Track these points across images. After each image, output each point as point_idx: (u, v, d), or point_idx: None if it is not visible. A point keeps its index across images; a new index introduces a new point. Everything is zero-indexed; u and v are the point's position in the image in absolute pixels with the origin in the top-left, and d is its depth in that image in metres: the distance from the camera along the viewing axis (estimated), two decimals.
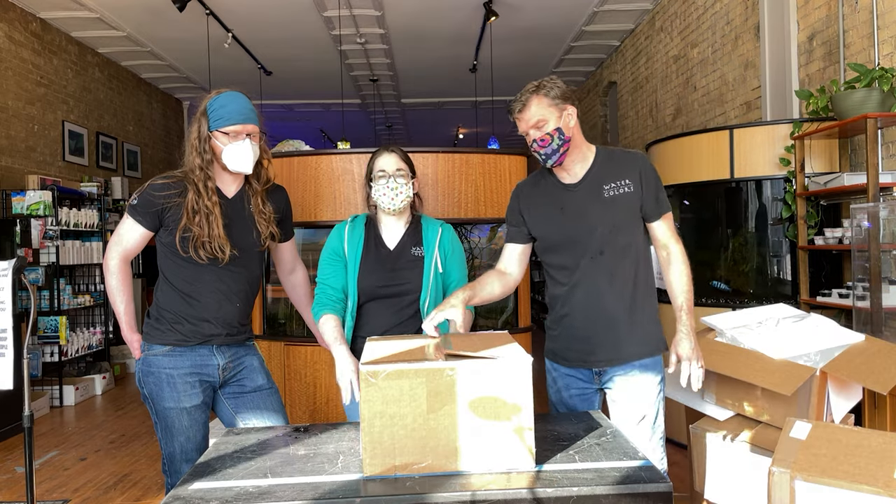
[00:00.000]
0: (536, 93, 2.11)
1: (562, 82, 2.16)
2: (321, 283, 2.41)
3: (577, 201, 2.19)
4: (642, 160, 2.20)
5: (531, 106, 2.11)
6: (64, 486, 3.94)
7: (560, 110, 2.12)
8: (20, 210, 6.03)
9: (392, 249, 2.43)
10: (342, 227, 2.47)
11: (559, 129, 2.11)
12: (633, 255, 2.19)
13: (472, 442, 1.58)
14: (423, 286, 2.38)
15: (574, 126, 2.16)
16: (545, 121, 2.11)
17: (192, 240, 2.22)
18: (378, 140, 14.81)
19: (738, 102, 5.47)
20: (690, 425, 2.54)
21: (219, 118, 2.22)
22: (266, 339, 3.47)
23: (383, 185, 2.38)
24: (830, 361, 2.27)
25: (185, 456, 2.27)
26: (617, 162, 2.20)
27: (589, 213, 2.17)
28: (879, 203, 3.16)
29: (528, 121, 2.12)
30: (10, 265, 2.53)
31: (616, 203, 2.15)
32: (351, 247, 2.41)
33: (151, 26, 7.59)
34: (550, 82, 2.14)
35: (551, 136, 2.11)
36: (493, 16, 7.07)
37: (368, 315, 2.41)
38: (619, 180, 2.16)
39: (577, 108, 2.17)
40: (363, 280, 2.38)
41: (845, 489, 1.84)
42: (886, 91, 3.40)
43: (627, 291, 2.18)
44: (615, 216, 2.15)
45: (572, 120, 2.15)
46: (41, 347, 5.95)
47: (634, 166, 2.17)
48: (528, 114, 2.12)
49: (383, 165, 2.40)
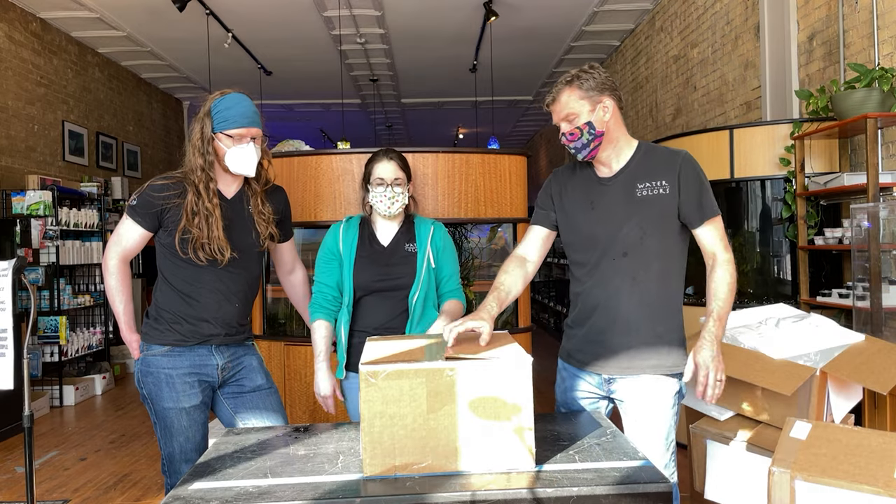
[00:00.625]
0: (570, 84, 2.01)
1: (602, 72, 2.04)
2: (318, 282, 2.48)
3: (607, 197, 2.08)
4: (684, 160, 2.04)
5: (561, 98, 2.02)
6: (64, 486, 3.93)
7: (594, 103, 2.01)
8: (20, 210, 6.03)
9: (386, 246, 2.49)
10: (337, 227, 2.52)
11: (590, 122, 2.00)
12: (662, 262, 2.05)
13: (472, 442, 1.58)
14: (415, 280, 2.42)
15: (610, 119, 2.03)
16: (575, 114, 2.01)
17: (192, 241, 2.21)
18: (378, 140, 14.81)
19: (738, 102, 5.47)
20: (690, 425, 2.54)
21: (224, 120, 2.22)
22: (266, 339, 3.47)
23: (380, 193, 2.43)
24: (830, 361, 2.27)
25: (184, 456, 2.27)
26: (656, 160, 2.06)
27: (617, 211, 2.05)
28: (879, 203, 3.16)
29: (559, 113, 2.04)
30: (10, 265, 2.52)
31: (648, 204, 2.02)
32: (346, 245, 2.46)
33: (151, 26, 7.59)
34: (587, 73, 2.02)
35: (581, 131, 2.01)
36: (493, 16, 7.07)
37: (364, 309, 2.45)
38: (654, 180, 2.03)
39: (618, 100, 2.05)
40: (358, 275, 2.43)
41: (845, 489, 1.84)
42: (886, 91, 3.40)
43: (650, 299, 2.04)
44: (645, 218, 2.02)
45: (608, 113, 2.02)
46: (41, 347, 5.95)
47: (673, 167, 2.02)
48: (559, 106, 2.03)
49: (382, 174, 2.43)
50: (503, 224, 3.61)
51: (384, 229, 2.52)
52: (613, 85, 2.05)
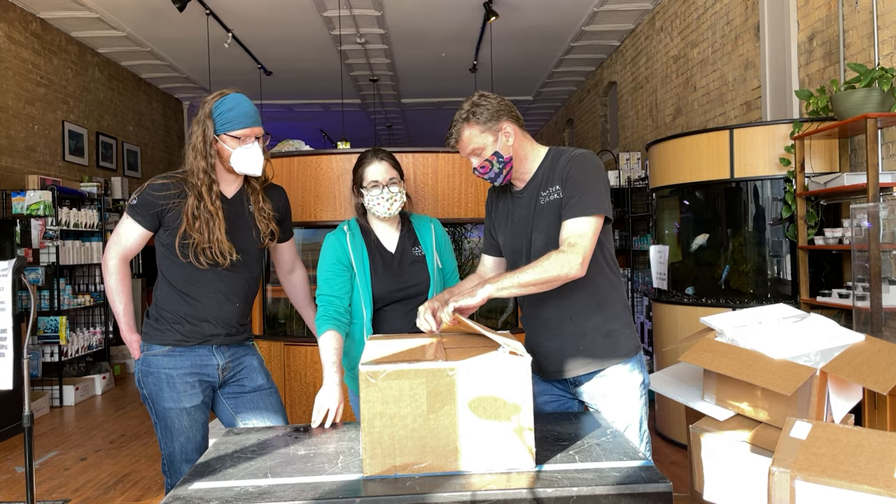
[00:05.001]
0: (467, 121, 2.01)
1: (494, 99, 2.03)
2: (326, 294, 2.32)
3: (520, 208, 2.12)
4: (571, 160, 2.02)
5: (463, 135, 2.03)
6: (64, 486, 3.93)
7: (495, 133, 2.02)
8: (20, 210, 6.03)
9: (393, 253, 2.44)
10: (341, 236, 2.40)
11: (497, 153, 2.02)
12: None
13: (472, 442, 1.58)
14: (430, 286, 2.40)
15: (514, 143, 2.04)
16: (481, 147, 2.02)
17: (192, 246, 2.21)
18: (378, 140, 14.81)
19: (738, 102, 5.47)
20: (690, 425, 2.54)
21: (227, 121, 2.20)
22: (266, 339, 3.47)
23: (377, 196, 2.36)
24: (830, 361, 2.27)
25: (184, 456, 2.27)
26: (555, 166, 2.06)
27: (526, 221, 2.09)
28: (879, 203, 3.16)
29: (465, 149, 2.04)
30: (10, 265, 2.52)
31: (549, 210, 2.03)
32: (357, 256, 2.37)
33: (151, 26, 7.59)
34: (479, 105, 2.01)
35: (490, 163, 2.03)
36: (493, 16, 7.08)
37: (383, 321, 2.39)
38: (550, 186, 2.04)
39: (516, 121, 2.05)
40: (377, 287, 2.35)
41: (845, 489, 1.84)
42: (886, 91, 3.40)
43: (571, 301, 2.03)
44: (548, 224, 2.03)
45: (511, 137, 2.03)
46: (41, 347, 5.95)
47: (563, 170, 2.01)
48: (463, 143, 2.04)
49: (375, 176, 2.36)
50: None
51: (386, 233, 2.46)
52: (508, 107, 2.05)
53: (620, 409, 2.09)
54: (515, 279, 1.88)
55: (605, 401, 2.09)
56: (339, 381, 2.12)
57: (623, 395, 2.09)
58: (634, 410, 2.11)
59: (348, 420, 2.10)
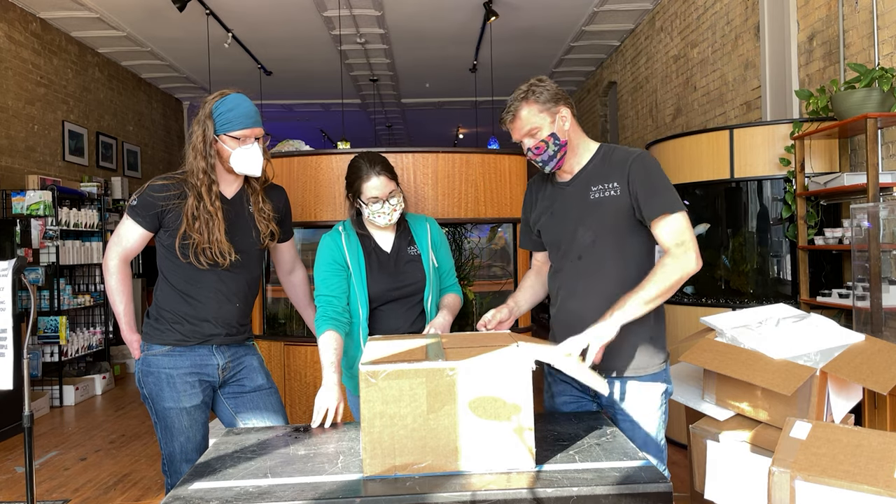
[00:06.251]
0: (526, 100, 2.00)
1: (552, 83, 2.05)
2: (323, 295, 2.33)
3: (564, 201, 2.10)
4: (635, 159, 2.01)
5: (521, 114, 2.01)
6: (64, 486, 3.93)
7: (553, 114, 2.01)
8: (20, 210, 6.03)
9: (389, 252, 2.43)
10: (336, 236, 2.39)
11: (553, 134, 2.01)
12: (617, 264, 2.02)
13: (472, 442, 1.58)
14: (426, 285, 2.39)
15: (570, 128, 2.05)
16: (538, 128, 2.01)
17: (193, 246, 2.21)
18: (378, 140, 14.81)
19: (738, 102, 5.47)
20: (690, 425, 2.54)
21: (227, 122, 2.20)
22: (266, 339, 3.47)
23: (378, 210, 2.32)
24: (830, 361, 2.27)
25: (184, 456, 2.27)
26: (610, 162, 2.05)
27: (572, 214, 2.06)
28: (879, 203, 3.16)
29: (521, 129, 2.03)
30: (10, 265, 2.52)
31: (601, 206, 2.01)
32: (352, 256, 2.36)
33: (151, 26, 7.59)
34: (540, 86, 2.02)
35: (546, 143, 2.01)
36: (493, 16, 7.07)
37: (380, 320, 2.38)
38: (606, 182, 2.02)
39: (571, 108, 2.06)
40: (373, 286, 2.35)
41: (845, 489, 1.84)
42: (886, 91, 3.40)
43: (608, 302, 1.95)
44: (597, 220, 2.01)
45: (567, 122, 2.04)
46: (41, 347, 5.95)
47: (623, 167, 2.00)
48: (520, 122, 2.02)
49: (375, 192, 2.30)
50: (503, 224, 3.61)
51: (381, 233, 2.45)
52: (565, 94, 2.07)
53: (643, 417, 2.05)
54: (640, 299, 1.87)
55: (628, 406, 2.05)
56: (338, 381, 2.13)
57: (647, 402, 2.05)
58: (655, 419, 2.07)
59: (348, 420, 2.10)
